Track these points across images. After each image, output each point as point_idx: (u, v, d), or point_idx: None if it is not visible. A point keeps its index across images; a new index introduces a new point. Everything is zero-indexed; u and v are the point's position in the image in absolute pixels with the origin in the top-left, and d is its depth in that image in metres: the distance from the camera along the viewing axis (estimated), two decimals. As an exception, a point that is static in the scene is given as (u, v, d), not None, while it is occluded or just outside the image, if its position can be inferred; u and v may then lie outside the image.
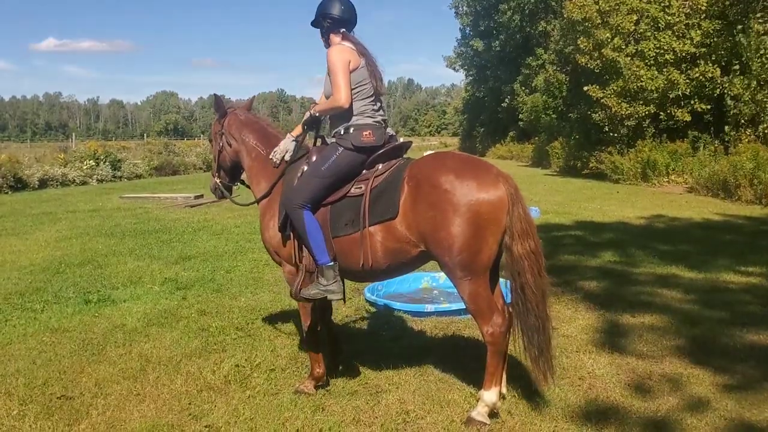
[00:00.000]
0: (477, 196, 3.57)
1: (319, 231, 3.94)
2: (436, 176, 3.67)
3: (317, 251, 3.94)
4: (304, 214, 3.92)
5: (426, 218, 3.65)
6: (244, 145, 4.53)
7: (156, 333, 5.51)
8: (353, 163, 4.01)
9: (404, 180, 3.78)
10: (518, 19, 40.68)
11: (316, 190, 3.96)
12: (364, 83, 4.05)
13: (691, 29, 19.59)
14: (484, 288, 3.70)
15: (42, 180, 21.75)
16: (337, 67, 3.95)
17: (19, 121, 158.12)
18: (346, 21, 4.17)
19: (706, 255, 8.44)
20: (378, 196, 3.84)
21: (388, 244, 3.81)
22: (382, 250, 3.84)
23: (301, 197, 3.94)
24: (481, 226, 3.57)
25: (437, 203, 3.61)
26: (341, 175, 3.99)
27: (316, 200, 3.97)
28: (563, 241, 9.85)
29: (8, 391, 4.30)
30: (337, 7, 4.14)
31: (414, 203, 3.71)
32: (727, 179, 15.64)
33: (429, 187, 3.66)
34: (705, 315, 5.83)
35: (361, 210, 3.84)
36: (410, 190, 3.74)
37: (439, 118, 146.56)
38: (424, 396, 4.15)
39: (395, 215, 3.75)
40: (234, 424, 3.78)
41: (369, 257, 3.85)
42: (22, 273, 7.89)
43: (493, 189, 3.60)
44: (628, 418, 3.81)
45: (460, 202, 3.56)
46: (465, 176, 3.63)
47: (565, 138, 26.92)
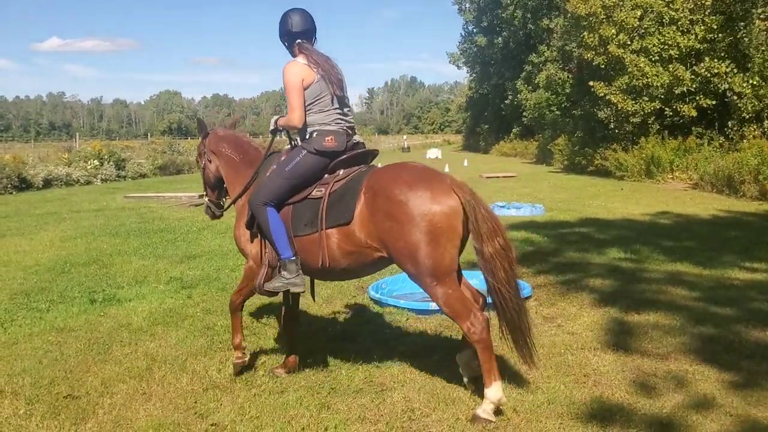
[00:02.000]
0: (430, 207, 3.73)
1: (282, 227, 4.14)
2: (391, 188, 3.84)
3: (280, 246, 4.14)
4: (268, 211, 4.14)
5: (384, 228, 3.83)
6: (221, 157, 4.79)
7: (161, 332, 5.52)
8: (315, 166, 4.20)
9: (362, 190, 3.97)
10: (521, 15, 40.62)
11: (280, 189, 4.18)
12: (323, 95, 4.23)
13: (696, 25, 19.53)
14: (455, 288, 3.85)
15: (46, 180, 21.81)
16: (290, 87, 4.19)
17: (23, 121, 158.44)
18: (302, 33, 4.35)
19: (711, 251, 8.43)
20: (336, 201, 4.05)
21: (346, 247, 4.01)
22: (340, 252, 4.04)
23: (266, 196, 4.16)
24: (437, 234, 3.72)
25: (394, 215, 3.78)
26: (304, 177, 4.19)
27: (280, 199, 4.18)
28: (568, 238, 9.84)
29: (15, 391, 4.31)
30: (290, 22, 4.35)
31: (371, 213, 3.89)
32: (732, 175, 15.61)
33: (384, 199, 3.84)
34: (710, 312, 5.82)
35: (319, 212, 4.05)
36: (367, 200, 3.93)
37: (443, 115, 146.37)
38: (429, 394, 4.15)
39: (349, 222, 3.95)
40: (240, 423, 3.79)
41: (327, 257, 4.05)
42: (28, 273, 7.91)
43: (446, 199, 3.76)
44: (633, 416, 3.81)
45: (415, 213, 3.73)
46: (418, 188, 3.79)
47: (569, 135, 26.86)
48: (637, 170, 20.25)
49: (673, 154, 19.51)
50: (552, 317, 5.78)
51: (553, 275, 7.33)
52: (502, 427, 3.71)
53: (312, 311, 6.06)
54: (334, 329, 5.50)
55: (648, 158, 19.88)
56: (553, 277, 7.23)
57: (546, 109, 32.67)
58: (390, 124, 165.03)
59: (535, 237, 9.86)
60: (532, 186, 19.34)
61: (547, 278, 7.21)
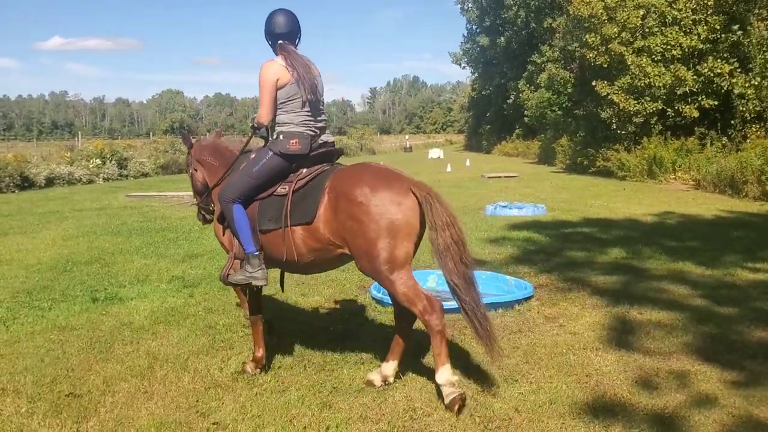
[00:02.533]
0: (389, 208, 3.95)
1: (247, 223, 4.34)
2: (352, 189, 4.03)
3: (244, 241, 4.35)
4: (234, 208, 4.34)
5: (347, 227, 4.03)
6: (204, 164, 5.06)
7: (163, 331, 5.52)
8: (279, 168, 4.37)
9: (325, 190, 4.16)
10: (524, 15, 40.61)
11: (246, 188, 4.36)
12: (294, 98, 4.37)
13: (698, 25, 19.50)
14: (409, 278, 4.03)
15: (48, 179, 21.84)
16: (263, 84, 4.38)
17: (26, 120, 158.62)
18: (285, 34, 4.50)
19: (714, 251, 8.42)
20: (299, 199, 4.23)
21: (310, 243, 4.20)
22: (305, 247, 4.23)
23: (233, 193, 4.35)
24: (394, 232, 3.94)
25: (355, 215, 3.98)
26: (269, 176, 4.37)
27: (247, 196, 4.36)
28: (570, 238, 9.83)
29: (17, 389, 4.32)
30: (273, 22, 4.51)
31: (334, 213, 4.08)
32: (735, 176, 15.59)
33: (346, 200, 4.03)
34: (713, 311, 5.81)
35: (283, 210, 4.24)
36: (330, 200, 4.12)
37: (445, 115, 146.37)
38: (430, 393, 4.15)
39: (311, 221, 4.15)
40: (241, 422, 3.79)
41: (293, 252, 4.24)
42: (30, 271, 7.92)
43: (404, 199, 3.99)
44: (635, 415, 3.80)
45: (375, 213, 3.93)
46: (378, 189, 4.00)
47: (571, 135, 26.84)
48: (639, 170, 20.23)
49: (676, 154, 19.49)
50: (554, 317, 5.77)
51: (555, 275, 7.32)
52: (504, 426, 3.71)
53: (314, 311, 6.06)
54: (336, 328, 5.50)
55: (650, 158, 19.87)
56: (555, 277, 7.22)
57: (547, 109, 32.65)
58: (392, 123, 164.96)
59: (537, 237, 9.85)
60: (534, 186, 19.33)
61: (549, 278, 7.21)
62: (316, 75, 4.51)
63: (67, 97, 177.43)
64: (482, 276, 7.13)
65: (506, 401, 4.01)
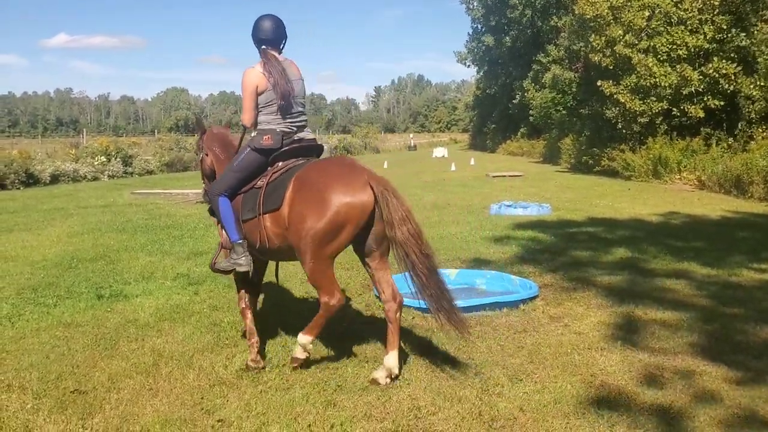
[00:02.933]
0: (343, 200, 4.16)
1: (232, 214, 4.69)
2: (315, 179, 4.32)
3: (230, 231, 4.69)
4: (220, 201, 4.70)
5: (296, 212, 4.29)
6: (212, 154, 5.31)
7: (168, 328, 5.53)
8: (256, 161, 4.71)
9: (293, 179, 4.42)
10: (530, 14, 40.55)
11: (231, 181, 4.73)
12: (271, 102, 4.69)
13: (704, 24, 19.43)
14: (328, 267, 4.33)
15: (53, 175, 21.91)
16: (244, 91, 4.74)
17: (31, 116, 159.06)
18: (268, 40, 4.80)
19: (719, 252, 8.40)
20: (272, 190, 4.52)
21: (276, 229, 4.48)
22: (272, 235, 4.50)
23: (220, 187, 4.74)
24: (338, 223, 4.16)
25: (309, 201, 4.24)
26: (248, 170, 4.71)
27: (232, 190, 4.72)
28: (575, 237, 9.82)
29: (22, 385, 4.33)
30: (257, 28, 4.80)
31: (296, 200, 4.34)
32: (741, 176, 15.54)
33: (308, 188, 4.30)
34: (718, 311, 5.80)
35: (258, 200, 4.56)
36: (294, 188, 4.37)
37: (450, 114, 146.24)
38: (435, 392, 4.15)
39: (278, 207, 4.42)
40: (246, 419, 3.80)
41: (265, 239, 4.53)
42: (35, 268, 7.94)
43: (360, 193, 4.19)
44: (640, 415, 3.80)
45: (328, 203, 4.15)
46: (337, 180, 4.24)
47: (576, 135, 26.80)
48: (645, 170, 20.19)
49: (681, 154, 19.44)
50: (559, 317, 5.76)
51: (560, 275, 7.31)
52: (509, 426, 3.70)
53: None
54: (340, 327, 5.50)
55: (655, 158, 19.82)
56: (560, 277, 7.22)
57: (552, 108, 32.61)
58: (396, 122, 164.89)
59: (542, 236, 9.84)
60: (539, 185, 19.31)
61: (554, 278, 7.20)
62: (295, 79, 4.79)
63: (72, 95, 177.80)
64: (487, 275, 7.15)
65: (511, 401, 4.01)
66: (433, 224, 11.16)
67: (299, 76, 4.87)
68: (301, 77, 4.88)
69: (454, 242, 9.51)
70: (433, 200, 15.25)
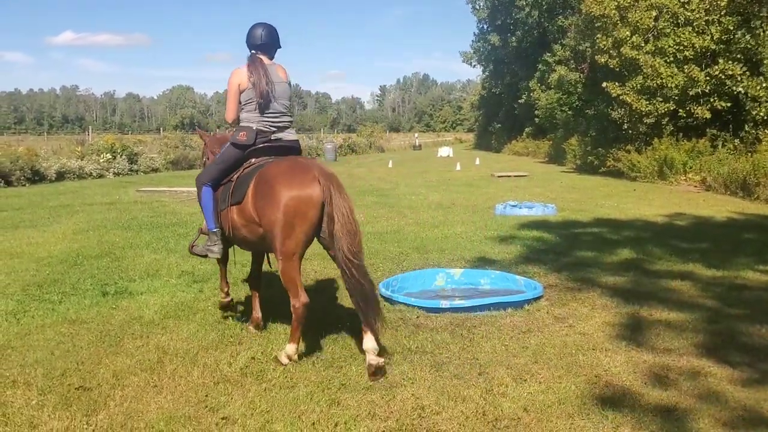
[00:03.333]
0: (290, 194, 4.45)
1: (211, 204, 5.12)
2: (270, 176, 4.62)
3: (208, 219, 5.16)
4: (204, 190, 5.14)
5: (260, 207, 4.63)
6: (214, 154, 5.62)
7: (173, 325, 5.54)
8: (234, 156, 5.07)
9: (255, 176, 4.77)
10: (536, 14, 40.49)
11: (214, 173, 5.13)
12: (251, 100, 5.02)
13: (711, 25, 19.36)
14: (293, 270, 4.55)
15: (59, 173, 21.94)
16: (228, 89, 5.13)
17: (37, 113, 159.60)
18: (258, 45, 5.17)
19: (725, 253, 8.37)
20: (239, 184, 4.91)
21: (241, 221, 4.87)
22: (239, 225, 4.89)
23: (205, 177, 5.16)
24: (290, 217, 4.45)
25: (265, 197, 4.57)
26: (227, 163, 5.09)
27: (215, 181, 5.12)
28: (580, 238, 9.80)
29: (27, 381, 4.34)
30: (250, 34, 5.20)
31: (255, 195, 4.70)
32: (747, 178, 15.49)
33: (264, 184, 4.63)
34: (723, 313, 5.79)
35: (228, 192, 4.98)
36: (254, 185, 4.73)
37: (455, 113, 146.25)
38: (439, 392, 4.15)
39: (241, 201, 4.82)
40: (250, 417, 3.80)
41: (231, 229, 4.98)
42: (40, 264, 7.96)
43: (308, 189, 4.47)
44: (644, 416, 3.79)
45: (278, 197, 4.46)
46: (287, 177, 4.54)
47: (581, 135, 26.75)
48: (650, 171, 20.13)
49: (687, 155, 19.39)
50: (563, 317, 5.75)
51: (565, 275, 7.30)
52: (513, 426, 3.70)
53: (322, 307, 6.06)
54: (344, 326, 5.50)
55: (661, 159, 19.77)
56: (565, 277, 7.20)
57: (557, 109, 32.56)
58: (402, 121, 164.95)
59: (547, 236, 9.83)
60: (544, 186, 19.28)
61: (558, 278, 7.18)
62: (278, 81, 5.10)
63: (78, 92, 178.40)
64: (492, 275, 7.14)
65: (515, 401, 4.00)
66: (437, 224, 11.15)
67: (284, 79, 5.18)
68: (286, 81, 5.19)
69: (459, 242, 9.51)
70: (438, 200, 15.24)
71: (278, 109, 5.09)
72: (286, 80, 5.21)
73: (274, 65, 5.18)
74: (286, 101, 5.16)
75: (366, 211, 12.85)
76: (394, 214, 12.50)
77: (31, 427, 3.71)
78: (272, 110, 5.06)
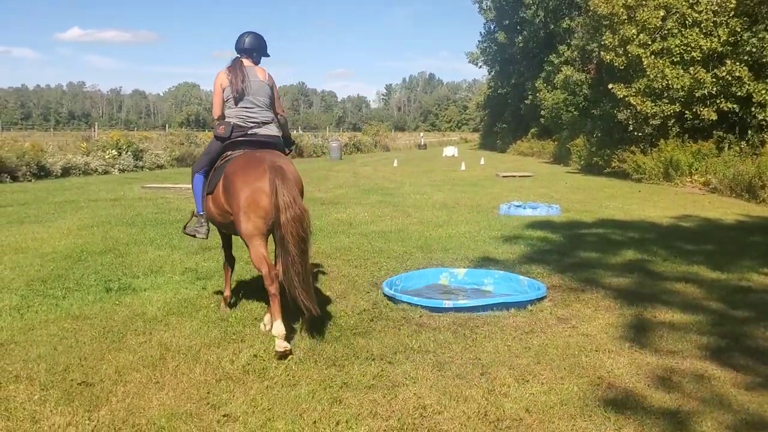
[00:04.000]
0: (243, 186, 4.94)
1: (200, 191, 5.67)
2: (230, 172, 5.14)
3: (197, 204, 5.76)
4: (196, 177, 5.71)
5: (226, 198, 5.15)
6: None
7: (176, 322, 5.54)
8: (215, 147, 5.62)
9: (224, 169, 5.29)
10: (542, 15, 40.42)
11: (202, 162, 5.72)
12: (229, 98, 5.54)
13: (719, 27, 19.29)
14: (259, 246, 4.97)
15: (65, 168, 22.00)
16: (213, 89, 5.71)
17: (43, 109, 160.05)
18: (244, 50, 5.73)
19: (730, 255, 8.34)
20: (213, 176, 5.48)
21: (215, 208, 5.42)
22: (215, 212, 5.46)
23: (197, 166, 5.76)
24: (245, 207, 4.91)
25: (227, 190, 5.10)
26: (210, 154, 5.65)
27: (204, 169, 5.66)
28: (584, 239, 9.78)
29: (30, 376, 4.35)
30: (238, 40, 5.76)
31: (223, 188, 5.21)
32: (753, 180, 15.43)
33: (226, 179, 5.15)
34: (728, 315, 5.77)
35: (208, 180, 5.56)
36: (223, 178, 5.23)
37: (460, 113, 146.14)
38: (441, 391, 4.14)
39: (212, 192, 5.39)
40: (252, 414, 3.80)
41: (212, 213, 5.53)
42: (45, 260, 7.97)
43: (257, 182, 4.90)
44: (647, 418, 3.77)
45: (235, 188, 4.98)
46: (243, 172, 5.02)
47: (587, 136, 26.70)
48: (655, 173, 20.09)
49: (693, 157, 19.33)
50: (566, 318, 5.74)
51: (569, 276, 7.28)
52: (515, 426, 3.69)
53: (325, 306, 6.06)
54: (347, 324, 5.49)
55: (667, 161, 19.72)
56: (569, 278, 7.19)
57: (563, 110, 32.50)
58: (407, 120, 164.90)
59: (551, 237, 9.80)
60: (549, 186, 19.25)
61: (562, 279, 7.17)
62: (255, 80, 5.57)
63: (85, 88, 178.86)
64: (495, 275, 7.13)
65: (517, 401, 3.99)
66: (442, 223, 11.15)
67: (262, 79, 5.64)
68: (264, 80, 5.64)
69: (463, 241, 9.49)
70: (443, 199, 15.23)
71: (255, 104, 5.55)
72: (265, 80, 5.65)
73: (254, 67, 5.68)
74: (263, 98, 5.59)
75: (370, 210, 12.85)
76: (399, 213, 12.49)
77: (34, 422, 3.72)
78: (247, 105, 5.53)
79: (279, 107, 5.87)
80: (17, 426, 3.67)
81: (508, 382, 4.28)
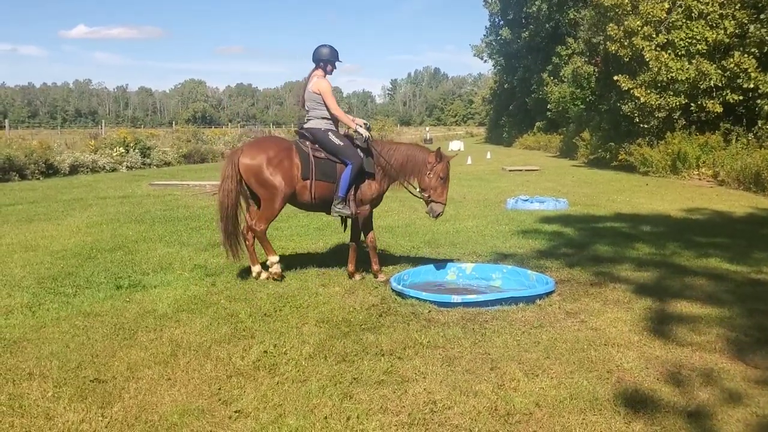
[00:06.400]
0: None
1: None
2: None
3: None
4: None
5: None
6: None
7: (186, 318, 5.57)
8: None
9: None
10: (546, 8, 40.27)
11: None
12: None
13: (725, 19, 19.18)
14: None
15: (73, 166, 22.06)
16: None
17: (50, 107, 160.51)
18: (319, 60, 6.99)
19: (741, 248, 8.33)
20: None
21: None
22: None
23: None
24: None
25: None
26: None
27: None
28: (593, 233, 9.76)
29: (43, 374, 4.38)
30: (316, 51, 7.02)
31: None
32: (760, 172, 15.37)
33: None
34: (739, 308, 5.75)
35: None
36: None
37: (466, 107, 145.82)
38: (450, 386, 4.15)
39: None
40: (263, 410, 3.82)
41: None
42: (55, 258, 8.02)
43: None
44: (656, 412, 3.78)
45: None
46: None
47: (593, 129, 26.62)
48: (663, 166, 20.02)
49: (700, 149, 19.25)
50: (575, 312, 5.74)
51: (578, 270, 7.28)
52: (525, 421, 3.70)
53: (334, 302, 6.08)
54: (356, 320, 5.51)
55: (674, 154, 19.65)
56: (578, 272, 7.19)
57: (570, 103, 32.40)
58: (413, 115, 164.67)
59: (559, 231, 9.80)
60: (556, 180, 19.21)
61: (571, 273, 7.17)
62: (301, 87, 7.14)
63: (91, 86, 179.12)
64: (503, 270, 7.13)
65: (527, 396, 4.00)
66: (448, 218, 11.14)
67: (303, 86, 7.04)
68: (311, 89, 6.86)
69: (471, 236, 9.50)
70: (449, 194, 15.18)
71: (307, 107, 7.00)
72: (311, 89, 6.87)
73: (312, 78, 6.92)
74: (309, 102, 6.94)
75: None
76: (405, 207, 12.49)
77: (47, 418, 3.75)
78: (305, 108, 7.03)
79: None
80: (31, 423, 3.70)
81: (518, 376, 4.29)
